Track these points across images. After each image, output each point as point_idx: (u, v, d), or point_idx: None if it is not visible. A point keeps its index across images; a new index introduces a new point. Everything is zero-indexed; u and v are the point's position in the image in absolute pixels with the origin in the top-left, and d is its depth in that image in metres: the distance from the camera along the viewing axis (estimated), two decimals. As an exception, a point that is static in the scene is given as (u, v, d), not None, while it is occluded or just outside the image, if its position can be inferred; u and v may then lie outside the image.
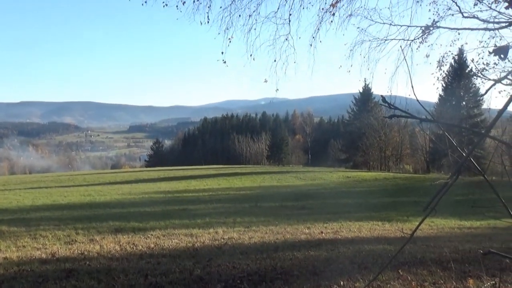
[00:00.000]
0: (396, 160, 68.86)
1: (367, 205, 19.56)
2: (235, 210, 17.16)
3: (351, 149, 72.20)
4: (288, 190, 28.70)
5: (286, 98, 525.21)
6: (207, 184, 34.72)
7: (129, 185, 34.84)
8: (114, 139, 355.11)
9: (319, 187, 31.44)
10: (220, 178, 40.48)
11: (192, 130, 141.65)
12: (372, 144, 66.89)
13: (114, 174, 54.03)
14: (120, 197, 23.85)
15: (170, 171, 53.54)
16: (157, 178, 42.84)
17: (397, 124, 66.49)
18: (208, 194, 25.80)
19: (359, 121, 68.16)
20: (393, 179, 38.49)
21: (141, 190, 28.71)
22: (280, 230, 11.92)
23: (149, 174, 49.03)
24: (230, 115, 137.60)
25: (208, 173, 47.80)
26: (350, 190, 28.94)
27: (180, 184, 34.54)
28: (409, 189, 29.71)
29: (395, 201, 22.33)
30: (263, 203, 20.01)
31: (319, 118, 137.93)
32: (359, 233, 11.54)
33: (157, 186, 32.72)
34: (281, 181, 36.99)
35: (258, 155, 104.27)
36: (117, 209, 17.98)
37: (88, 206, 19.35)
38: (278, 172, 46.74)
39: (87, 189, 30.66)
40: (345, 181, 37.36)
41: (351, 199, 22.54)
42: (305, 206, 19.02)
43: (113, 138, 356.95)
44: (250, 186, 32.67)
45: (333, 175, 42.60)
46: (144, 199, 22.96)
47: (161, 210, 17.44)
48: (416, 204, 19.06)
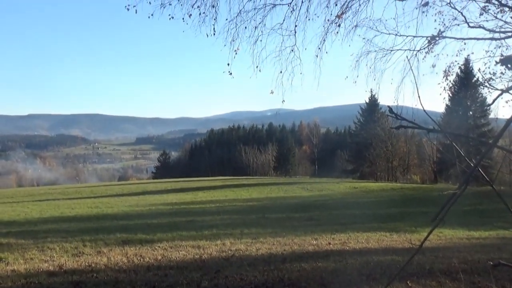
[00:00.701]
0: (403, 170, 68.62)
1: (375, 216, 19.47)
2: (242, 222, 17.12)
3: (358, 159, 72.02)
4: (295, 201, 28.61)
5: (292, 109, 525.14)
6: (214, 195, 34.70)
7: (136, 197, 34.87)
8: (121, 151, 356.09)
9: (326, 198, 31.33)
10: (227, 189, 40.45)
11: (199, 142, 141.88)
12: (379, 155, 66.74)
13: (121, 186, 54.11)
14: (127, 209, 23.85)
15: (177, 183, 53.53)
16: (164, 189, 42.84)
17: (404, 135, 66.35)
18: (215, 205, 25.76)
19: (366, 132, 68.07)
20: (400, 189, 38.32)
21: (148, 202, 28.72)
22: (288, 241, 11.87)
23: (156, 186, 49.05)
24: (236, 126, 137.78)
25: (215, 184, 47.76)
26: (358, 201, 28.81)
27: (187, 196, 34.53)
28: (416, 200, 29.55)
29: (402, 211, 22.19)
30: (270, 214, 19.95)
31: (325, 129, 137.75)
32: (367, 244, 11.47)
33: (164, 198, 32.72)
34: (288, 192, 36.89)
35: (265, 166, 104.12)
36: (124, 221, 17.97)
37: (96, 218, 19.36)
38: (285, 183, 46.64)
39: (94, 201, 30.70)
40: (352, 191, 37.23)
41: (358, 210, 22.42)
42: (313, 217, 18.95)
43: (120, 150, 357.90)
44: (257, 197, 32.60)
45: (340, 185, 42.47)
46: (151, 211, 22.95)
47: (168, 221, 17.42)
48: (424, 215, 18.94)
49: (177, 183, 53.99)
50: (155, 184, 54.02)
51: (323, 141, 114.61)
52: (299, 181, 51.24)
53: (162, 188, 45.30)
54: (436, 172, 60.61)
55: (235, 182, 52.06)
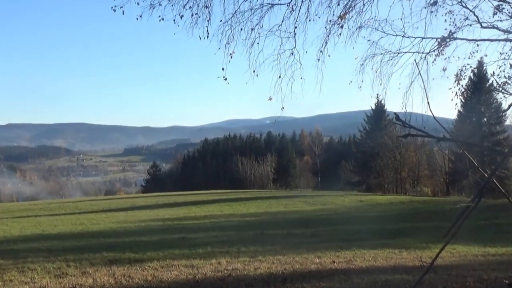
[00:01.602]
0: (413, 182, 68.56)
1: (383, 232, 19.43)
2: (239, 239, 17.07)
3: (364, 170, 72.07)
4: (296, 216, 28.56)
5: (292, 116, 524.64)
6: (209, 210, 34.63)
7: (125, 212, 34.77)
8: (108, 163, 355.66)
9: (330, 212, 31.28)
10: (223, 203, 40.38)
11: (192, 152, 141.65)
12: (387, 165, 66.74)
13: (108, 200, 53.95)
14: (115, 226, 23.77)
15: (169, 197, 53.44)
16: (154, 204, 42.75)
17: (413, 143, 66.36)
18: (209, 221, 25.70)
19: (372, 140, 68.13)
20: (410, 202, 38.27)
21: (138, 218, 28.63)
22: (288, 259, 11.83)
23: (146, 200, 48.94)
24: (232, 135, 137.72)
25: (210, 198, 47.68)
26: (364, 215, 28.77)
27: (180, 211, 34.46)
28: (428, 214, 29.51)
29: (412, 226, 22.16)
30: (269, 230, 19.90)
31: (328, 138, 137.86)
32: (374, 262, 11.44)
33: (154, 213, 32.64)
34: (288, 206, 36.84)
35: (264, 178, 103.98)
36: (111, 238, 17.91)
37: (80, 235, 19.29)
38: (285, 197, 46.57)
39: (79, 217, 30.60)
40: (358, 205, 37.19)
41: (365, 225, 22.38)
42: (315, 233, 18.90)
43: (107, 162, 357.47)
44: (255, 212, 32.54)
45: (345, 199, 42.43)
46: (141, 227, 22.88)
47: (159, 239, 17.37)
48: (436, 230, 18.92)
49: (168, 197, 53.88)
50: (144, 199, 53.90)
51: (326, 151, 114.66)
52: (300, 194, 51.18)
53: (153, 202, 45.20)
54: (449, 184, 60.62)
55: (231, 195, 51.97)
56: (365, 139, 73.76)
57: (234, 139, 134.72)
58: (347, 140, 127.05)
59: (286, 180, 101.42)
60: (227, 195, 54.23)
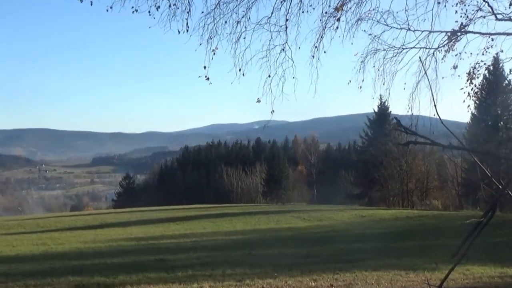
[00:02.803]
0: (422, 194, 68.70)
1: (387, 251, 19.49)
2: (224, 260, 17.04)
3: (365, 182, 72.23)
4: (289, 234, 28.57)
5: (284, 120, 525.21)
6: (190, 228, 34.57)
7: (93, 230, 34.61)
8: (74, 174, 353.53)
9: (328, 229, 31.34)
10: (206, 220, 40.32)
11: (170, 162, 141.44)
12: (392, 176, 66.88)
13: (74, 217, 53.62)
14: (82, 246, 23.66)
15: (144, 213, 53.28)
16: (127, 221, 42.59)
17: (421, 151, 66.52)
18: (190, 240, 25.64)
19: (375, 148, 68.26)
20: (418, 217, 38.41)
21: (108, 237, 28.51)
22: (280, 283, 11.84)
23: (117, 217, 48.72)
24: (216, 142, 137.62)
25: (191, 214, 47.60)
26: (366, 232, 28.85)
27: (156, 229, 34.36)
28: (438, 230, 29.63)
29: (421, 245, 22.25)
30: (258, 250, 19.90)
31: (326, 145, 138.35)
32: (377, 285, 11.47)
33: (127, 232, 32.53)
34: (280, 223, 36.86)
35: (252, 191, 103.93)
36: (78, 260, 17.81)
37: (43, 257, 19.17)
38: (276, 212, 46.60)
39: (41, 236, 30.41)
40: (359, 221, 37.28)
41: (367, 244, 22.44)
42: (311, 253, 18.91)
43: (73, 173, 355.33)
44: (243, 230, 32.53)
45: (344, 214, 42.51)
46: (112, 247, 22.78)
47: (132, 261, 17.30)
48: (447, 249, 18.97)
49: (143, 213, 53.72)
50: (116, 215, 53.64)
51: (323, 159, 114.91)
52: (294, 209, 51.21)
53: (125, 219, 45.02)
54: (461, 196, 60.82)
55: (215, 211, 51.89)
56: (367, 146, 73.99)
57: (218, 146, 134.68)
58: (347, 147, 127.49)
59: (278, 193, 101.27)
60: (211, 210, 54.15)
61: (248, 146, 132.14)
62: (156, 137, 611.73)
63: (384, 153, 66.03)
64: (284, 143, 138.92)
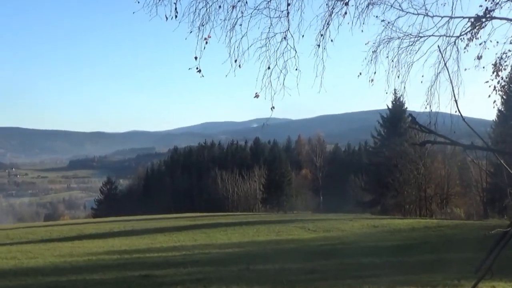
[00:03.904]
0: (441, 201, 68.70)
1: (402, 265, 19.50)
2: (218, 276, 17.06)
3: (378, 187, 72.23)
4: (292, 247, 28.57)
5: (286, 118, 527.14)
6: (179, 239, 34.53)
7: (70, 242, 34.57)
8: (48, 179, 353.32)
9: (336, 241, 31.33)
10: (197, 231, 40.28)
11: (157, 165, 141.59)
12: (408, 180, 66.87)
13: (49, 228, 53.61)
14: (57, 260, 23.64)
15: (128, 223, 53.26)
16: (109, 232, 42.55)
17: (441, 152, 66.50)
18: (180, 254, 25.62)
19: (389, 149, 68.23)
20: (437, 228, 38.42)
21: (87, 250, 28.49)
22: (282, 302, 11.85)
23: (98, 227, 48.68)
24: (209, 143, 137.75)
25: (180, 224, 47.58)
26: (379, 245, 28.85)
27: (142, 241, 34.33)
28: (460, 242, 29.65)
29: (441, 258, 22.25)
30: (257, 265, 19.90)
31: (333, 146, 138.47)
32: (391, 304, 11.48)
33: (109, 244, 32.49)
34: (282, 234, 36.83)
35: (250, 198, 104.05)
36: (53, 277, 17.81)
37: (13, 273, 19.17)
38: (277, 222, 46.57)
39: (10, 249, 30.37)
40: (371, 232, 37.27)
41: (380, 257, 22.45)
42: (316, 268, 18.93)
43: (47, 178, 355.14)
44: (239, 242, 32.50)
45: (354, 224, 42.49)
46: (91, 262, 22.77)
47: (114, 277, 17.31)
48: (470, 262, 19.01)
49: (127, 222, 53.70)
50: (96, 225, 53.62)
51: (330, 162, 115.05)
52: (297, 219, 51.18)
53: (106, 230, 44.98)
54: (486, 204, 60.79)
55: (208, 220, 51.93)
56: (380, 147, 74.04)
57: (211, 147, 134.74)
58: (357, 148, 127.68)
59: (279, 200, 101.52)
60: (203, 220, 54.16)
61: (246, 147, 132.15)
62: (141, 137, 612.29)
63: (399, 155, 65.98)
64: (286, 143, 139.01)
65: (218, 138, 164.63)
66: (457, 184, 69.21)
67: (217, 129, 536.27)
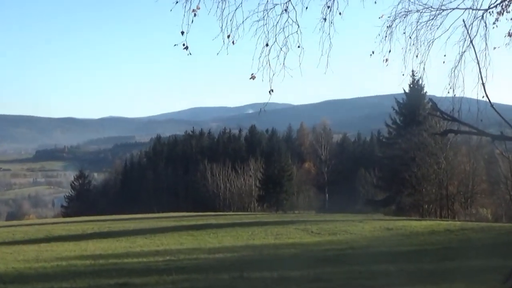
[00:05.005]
0: (465, 201, 68.70)
1: (420, 274, 19.56)
2: (207, 285, 17.10)
3: (393, 184, 72.35)
4: (292, 252, 28.63)
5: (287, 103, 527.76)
6: (162, 243, 34.57)
7: (36, 245, 34.59)
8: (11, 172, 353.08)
9: (343, 246, 31.39)
10: (183, 233, 40.33)
11: (138, 157, 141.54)
12: (427, 176, 66.85)
13: (11, 228, 53.68)
14: (22, 266, 23.66)
15: (103, 223, 53.29)
16: (81, 234, 42.59)
17: (465, 144, 66.46)
18: (163, 259, 25.65)
19: (406, 140, 68.14)
20: (460, 231, 38.49)
21: (56, 254, 28.51)
22: (281, 315, 11.89)
23: (68, 228, 48.72)
24: (198, 131, 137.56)
25: (164, 225, 47.63)
26: (393, 250, 28.92)
27: (119, 244, 34.37)
28: (486, 247, 29.72)
29: (464, 266, 22.33)
30: (252, 272, 19.94)
31: (341, 135, 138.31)
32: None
33: (81, 247, 32.52)
34: (281, 237, 36.89)
35: (245, 196, 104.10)
36: (15, 284, 17.83)
37: (-31, 281, 19.17)
38: (276, 223, 46.64)
39: (-33, 253, 30.40)
40: (384, 235, 37.34)
41: (394, 265, 22.51)
42: (320, 277, 18.97)
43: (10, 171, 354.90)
44: (232, 246, 32.56)
45: (365, 226, 42.57)
46: (61, 268, 22.79)
47: (87, 286, 17.33)
48: (497, 271, 19.07)
49: (102, 223, 53.73)
50: (67, 225, 53.65)
51: (337, 154, 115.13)
52: (299, 219, 51.27)
53: (79, 231, 45.02)
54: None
55: (196, 221, 51.94)
56: (395, 137, 74.08)
57: (200, 137, 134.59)
58: (368, 138, 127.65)
59: (278, 198, 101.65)
60: (190, 220, 54.21)
61: (240, 137, 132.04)
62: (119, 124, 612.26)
63: (417, 147, 65.92)
64: (287, 133, 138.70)
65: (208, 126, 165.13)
66: (484, 181, 69.18)
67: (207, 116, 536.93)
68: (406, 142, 67.71)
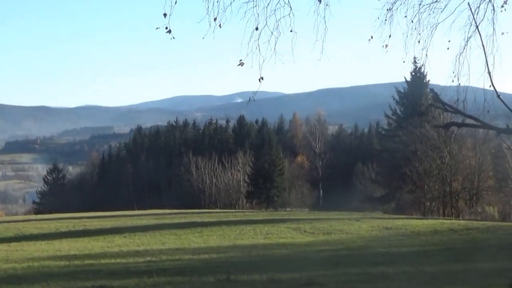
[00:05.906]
0: (471, 198, 68.80)
1: (422, 276, 19.63)
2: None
3: (392, 179, 72.50)
4: (284, 252, 28.69)
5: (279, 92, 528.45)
6: (143, 242, 34.59)
7: (6, 245, 34.55)
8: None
9: (339, 247, 31.48)
10: (166, 231, 40.35)
11: (116, 149, 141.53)
12: (429, 172, 66.96)
13: (-22, 226, 53.61)
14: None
15: (78, 221, 53.20)
16: (55, 232, 42.55)
17: (471, 137, 66.54)
18: (144, 260, 25.67)
19: (407, 132, 68.25)
20: (465, 230, 38.63)
21: (27, 254, 28.49)
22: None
23: (40, 226, 48.66)
24: (182, 121, 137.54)
25: (144, 223, 47.64)
26: (392, 251, 29.03)
27: (96, 243, 34.37)
28: (492, 248, 29.83)
29: (469, 268, 22.41)
30: (240, 275, 19.97)
31: (336, 127, 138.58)
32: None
33: (54, 247, 32.50)
34: (271, 237, 36.96)
35: (232, 192, 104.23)
36: (-17, 287, 17.80)
37: None
38: (266, 221, 46.69)
39: None
40: (383, 235, 37.46)
41: (393, 267, 22.60)
42: (314, 280, 19.02)
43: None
44: (218, 246, 32.60)
45: (362, 225, 42.68)
46: (32, 269, 22.78)
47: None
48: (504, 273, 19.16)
49: (77, 220, 53.63)
50: (39, 223, 53.57)
51: (333, 147, 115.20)
52: (290, 218, 51.37)
53: (52, 229, 44.97)
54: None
55: (179, 219, 51.98)
56: (395, 129, 74.25)
57: (184, 128, 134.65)
58: (366, 130, 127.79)
59: (268, 194, 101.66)
60: (173, 218, 54.21)
61: (227, 128, 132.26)
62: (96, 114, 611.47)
63: (418, 140, 65.97)
64: (278, 123, 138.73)
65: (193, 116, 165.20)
66: (491, 177, 69.30)
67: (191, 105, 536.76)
68: (407, 134, 67.82)
